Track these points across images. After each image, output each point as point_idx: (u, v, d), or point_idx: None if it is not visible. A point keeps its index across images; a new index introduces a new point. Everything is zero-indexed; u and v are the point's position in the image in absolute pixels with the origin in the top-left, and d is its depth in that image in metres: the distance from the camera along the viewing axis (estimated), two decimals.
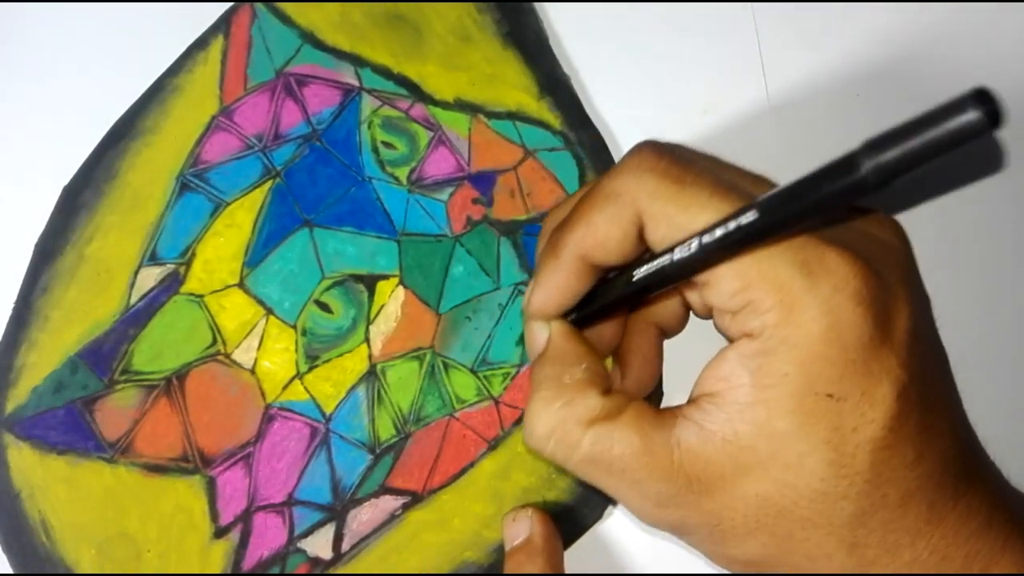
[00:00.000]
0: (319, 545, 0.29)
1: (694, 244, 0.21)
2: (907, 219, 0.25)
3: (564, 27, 0.34)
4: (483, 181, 0.32)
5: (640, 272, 0.23)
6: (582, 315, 0.26)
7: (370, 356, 0.30)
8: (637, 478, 0.22)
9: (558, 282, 0.24)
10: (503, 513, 0.29)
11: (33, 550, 0.29)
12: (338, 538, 0.29)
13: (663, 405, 0.30)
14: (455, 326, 0.31)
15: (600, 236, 0.23)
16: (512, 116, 0.32)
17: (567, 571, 0.28)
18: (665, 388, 0.30)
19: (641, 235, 0.23)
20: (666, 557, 0.30)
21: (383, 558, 0.29)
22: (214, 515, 0.29)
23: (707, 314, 0.27)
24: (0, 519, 0.29)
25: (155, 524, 0.29)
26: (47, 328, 0.30)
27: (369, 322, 0.30)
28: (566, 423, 0.23)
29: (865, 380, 0.21)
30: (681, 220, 0.22)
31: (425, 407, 0.30)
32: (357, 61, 0.33)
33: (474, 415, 0.30)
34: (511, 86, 0.32)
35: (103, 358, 0.30)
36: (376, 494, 0.29)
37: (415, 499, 0.29)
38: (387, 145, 0.32)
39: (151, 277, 0.31)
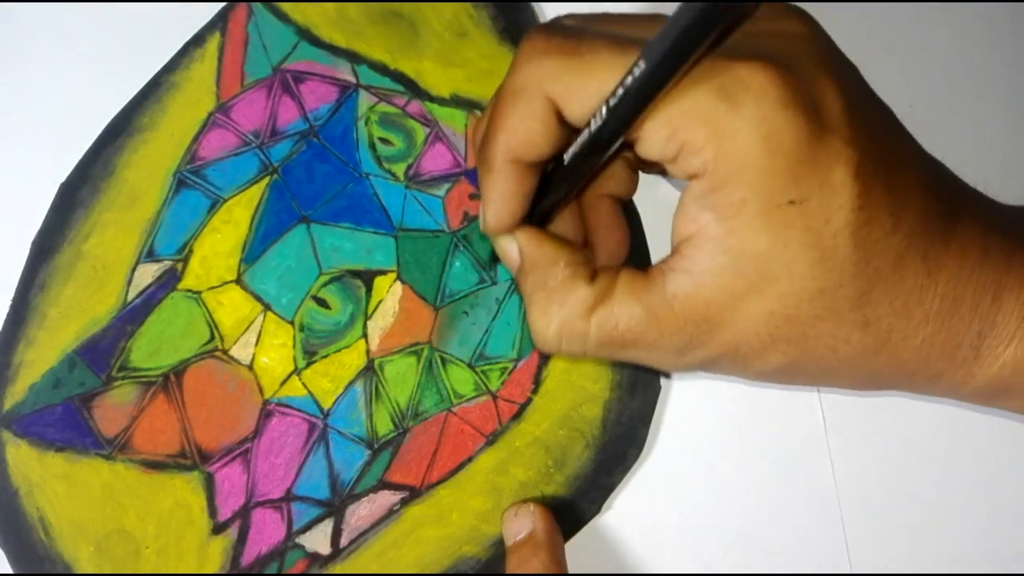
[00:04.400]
0: (317, 540, 0.29)
1: (603, 110, 0.21)
2: None
3: None
4: None
5: (568, 155, 0.23)
6: (540, 212, 0.26)
7: (368, 351, 0.30)
8: (650, 341, 0.23)
9: (503, 193, 0.24)
10: (501, 508, 0.29)
11: (31, 547, 0.29)
12: (336, 533, 0.29)
13: None
14: (452, 321, 0.31)
15: (522, 136, 0.23)
16: None
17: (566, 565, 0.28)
18: None
19: (562, 118, 0.23)
20: (664, 550, 0.30)
21: (381, 553, 0.29)
22: (212, 511, 0.29)
23: (656, 169, 0.27)
24: None
25: (153, 520, 0.29)
26: (45, 325, 0.30)
27: (367, 317, 0.31)
28: (568, 322, 0.24)
29: (819, 174, 0.21)
30: (591, 88, 0.22)
31: (423, 402, 0.30)
32: (354, 57, 0.33)
33: (472, 410, 0.30)
34: None
35: (101, 355, 0.30)
36: (374, 489, 0.29)
37: (413, 494, 0.29)
38: (384, 141, 0.32)
39: (148, 274, 0.31)
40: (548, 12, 0.34)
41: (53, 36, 0.34)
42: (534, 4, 0.33)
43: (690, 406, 0.31)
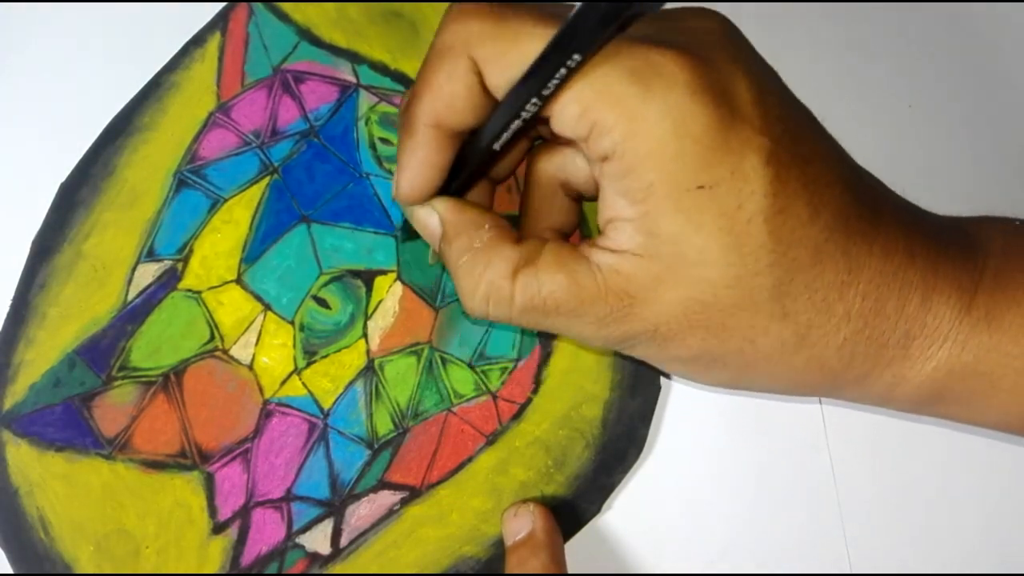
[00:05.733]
0: (317, 540, 0.29)
1: (518, 81, 0.22)
2: None
3: None
4: None
5: (484, 127, 0.23)
6: (453, 190, 0.26)
7: (368, 351, 0.30)
8: (572, 308, 0.23)
9: (420, 159, 0.24)
10: (501, 508, 0.29)
11: (31, 547, 0.29)
12: (336, 533, 0.29)
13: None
14: (453, 321, 0.31)
15: (445, 97, 0.23)
16: None
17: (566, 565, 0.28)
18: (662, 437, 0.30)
19: (485, 86, 0.23)
20: (664, 550, 0.30)
21: (381, 553, 0.29)
22: (212, 511, 0.29)
23: (591, 192, 0.27)
24: None
25: (153, 520, 0.29)
26: (45, 325, 0.30)
27: (367, 317, 0.31)
28: (494, 282, 0.24)
29: (730, 159, 0.21)
30: (513, 56, 0.22)
31: (423, 402, 0.30)
32: (354, 57, 0.33)
33: (472, 410, 0.30)
34: None
35: (101, 355, 0.30)
36: (374, 489, 0.29)
37: (413, 494, 0.29)
38: (384, 141, 0.32)
39: (149, 273, 0.31)
40: None
41: (53, 36, 0.34)
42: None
43: (690, 406, 0.31)
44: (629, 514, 0.30)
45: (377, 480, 0.29)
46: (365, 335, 0.30)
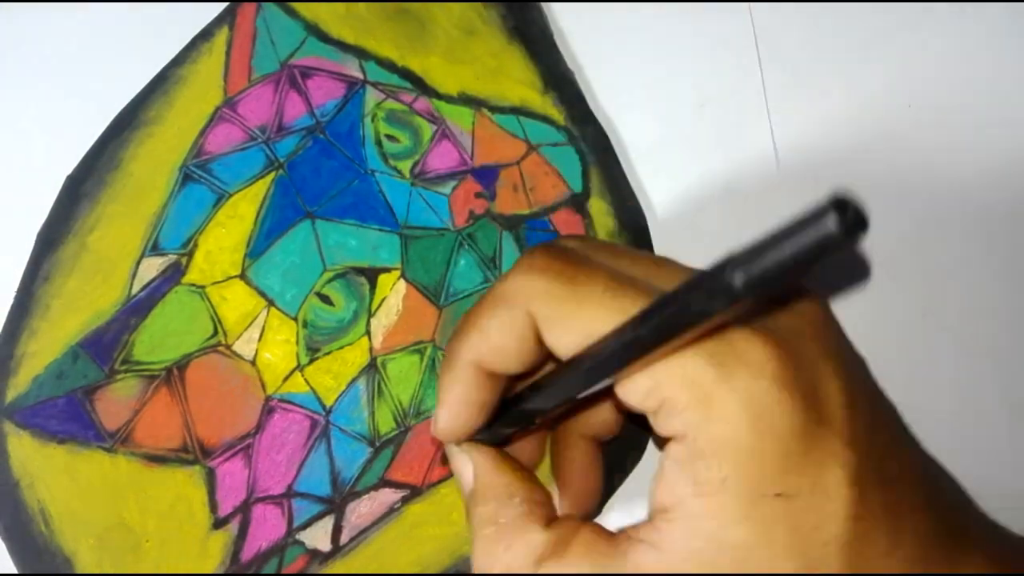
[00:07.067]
0: (318, 537, 0.29)
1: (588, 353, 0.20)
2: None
3: (568, 23, 0.34)
4: (486, 175, 0.32)
5: (534, 392, 0.22)
6: (502, 429, 0.24)
7: (371, 349, 0.30)
8: None
9: (459, 397, 0.23)
10: None
11: (32, 539, 0.29)
12: (337, 530, 0.29)
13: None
14: (456, 320, 0.30)
15: (494, 344, 0.22)
16: (516, 111, 0.32)
17: None
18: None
19: (540, 339, 0.21)
20: None
21: (381, 551, 0.29)
22: (213, 506, 0.29)
23: (613, 435, 0.25)
24: None
25: (154, 514, 0.29)
26: (48, 317, 0.30)
27: (370, 315, 0.30)
28: (511, 567, 0.21)
29: (811, 470, 0.19)
30: (576, 322, 0.20)
31: (425, 400, 0.30)
32: (361, 54, 0.33)
33: None
34: (515, 81, 0.32)
35: (104, 348, 0.30)
36: (375, 487, 0.29)
37: (414, 492, 0.29)
38: (390, 138, 0.32)
39: (153, 267, 0.31)
40: (556, 12, 0.34)
41: (60, 29, 0.34)
42: (543, 4, 0.33)
43: None
44: (629, 515, 0.30)
45: (378, 478, 0.29)
46: (368, 332, 0.30)
